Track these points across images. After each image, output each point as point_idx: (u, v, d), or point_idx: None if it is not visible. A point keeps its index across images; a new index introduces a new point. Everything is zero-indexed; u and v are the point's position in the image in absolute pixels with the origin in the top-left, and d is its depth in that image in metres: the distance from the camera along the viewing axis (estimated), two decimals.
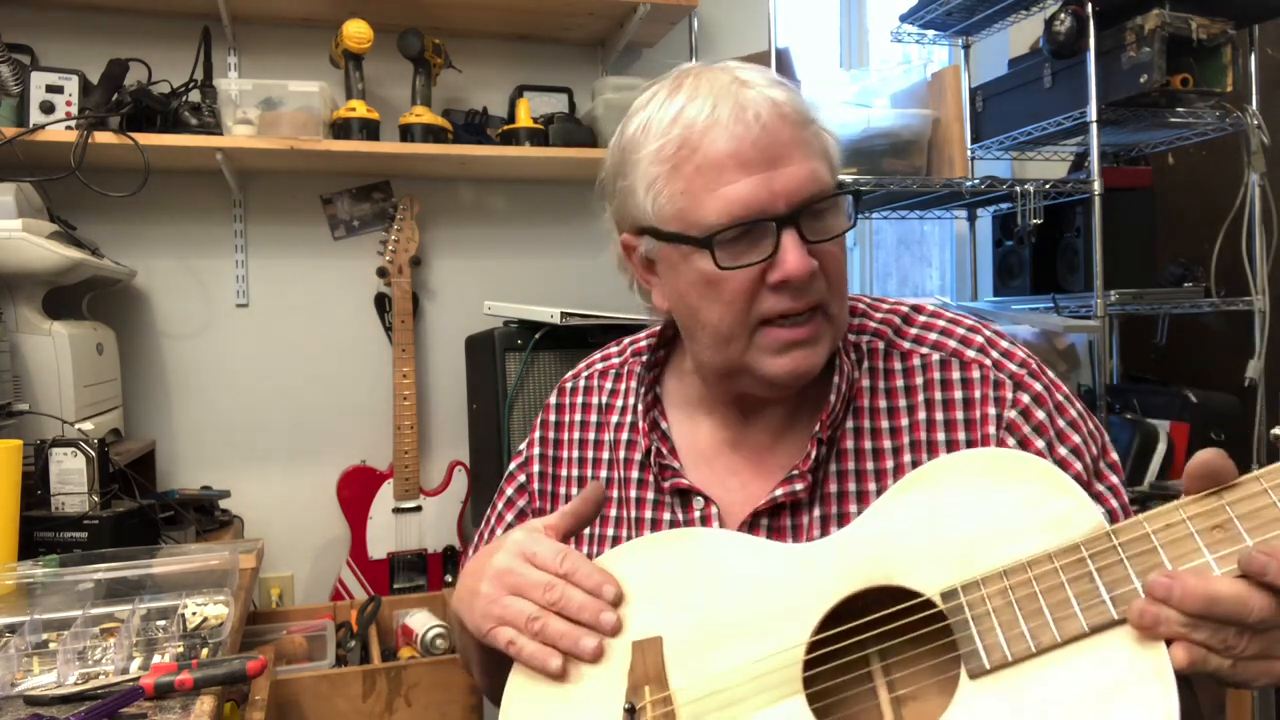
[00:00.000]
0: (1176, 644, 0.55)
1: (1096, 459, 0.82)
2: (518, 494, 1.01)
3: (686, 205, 0.78)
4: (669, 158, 0.79)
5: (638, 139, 0.82)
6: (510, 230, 2.51)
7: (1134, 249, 2.32)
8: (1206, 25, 2.07)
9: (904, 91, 2.42)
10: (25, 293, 1.66)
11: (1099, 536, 0.59)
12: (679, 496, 0.89)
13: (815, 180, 0.77)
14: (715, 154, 0.76)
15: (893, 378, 0.86)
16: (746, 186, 0.76)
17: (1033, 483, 0.64)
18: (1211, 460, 0.57)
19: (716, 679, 0.70)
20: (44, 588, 1.17)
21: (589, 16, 2.33)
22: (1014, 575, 0.61)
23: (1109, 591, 0.57)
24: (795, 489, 0.83)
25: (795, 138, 0.78)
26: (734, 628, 0.71)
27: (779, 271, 0.77)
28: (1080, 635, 0.57)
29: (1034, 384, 0.82)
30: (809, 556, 0.72)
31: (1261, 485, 0.55)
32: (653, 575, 0.76)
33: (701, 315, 0.82)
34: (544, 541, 0.78)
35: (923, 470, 0.70)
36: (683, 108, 0.79)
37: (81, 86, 1.91)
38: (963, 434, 0.82)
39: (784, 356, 0.80)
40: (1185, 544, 0.56)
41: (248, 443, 2.31)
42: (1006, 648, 0.59)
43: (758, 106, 0.76)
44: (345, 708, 1.67)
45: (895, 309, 0.91)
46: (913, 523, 0.68)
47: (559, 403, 1.02)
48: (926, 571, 0.65)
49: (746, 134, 0.76)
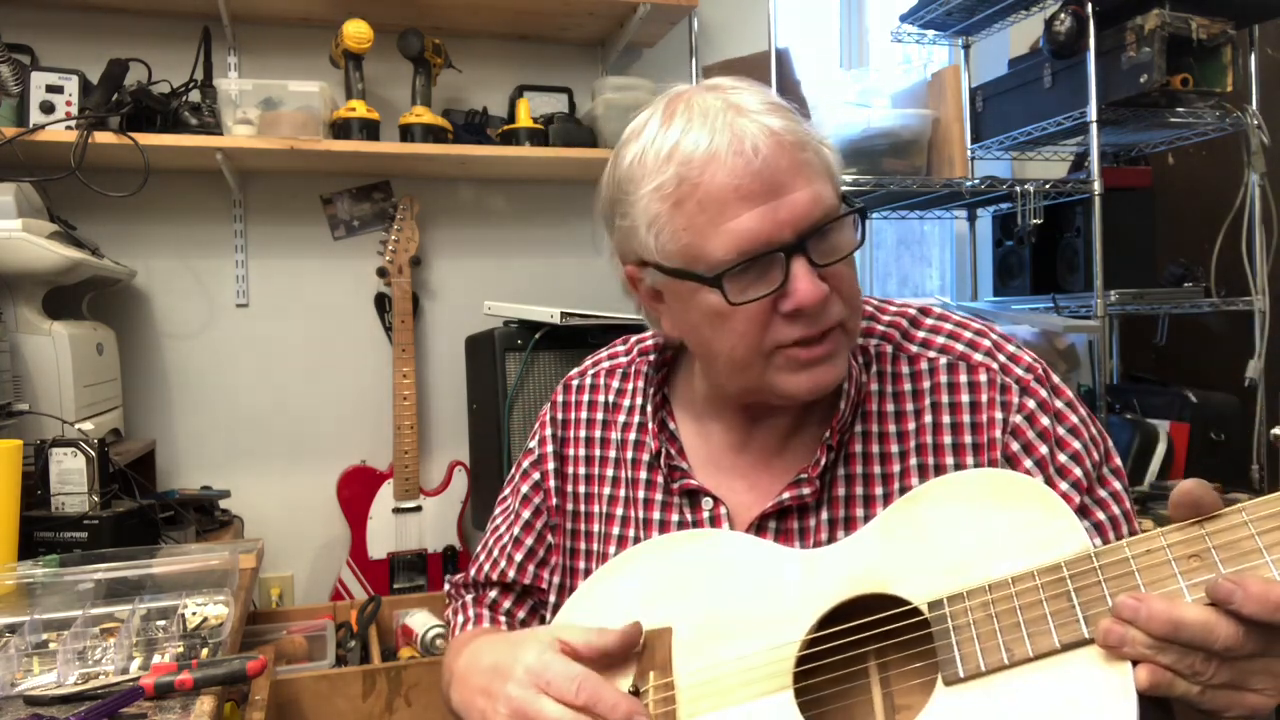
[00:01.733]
0: (1141, 665, 0.56)
1: (1099, 465, 0.82)
2: (533, 491, 1.00)
3: (691, 242, 0.76)
4: (669, 195, 0.76)
5: (634, 173, 0.80)
6: (510, 230, 2.51)
7: (1134, 249, 2.32)
8: (1206, 25, 2.08)
9: (904, 91, 2.42)
10: (25, 293, 1.66)
11: (1082, 558, 0.61)
12: (688, 497, 0.89)
13: (819, 203, 0.76)
14: (716, 189, 0.74)
15: (900, 381, 0.86)
16: (751, 219, 0.74)
17: (1028, 504, 0.66)
18: (1192, 490, 0.58)
19: (715, 669, 0.73)
20: (44, 588, 1.17)
21: (589, 16, 2.33)
22: (997, 590, 0.63)
23: (1084, 611, 0.59)
24: (803, 493, 0.83)
25: (795, 163, 0.75)
26: (738, 624, 0.74)
27: (791, 301, 0.75)
28: (1052, 651, 0.59)
29: (1039, 389, 0.82)
30: (814, 561, 0.75)
31: (1243, 517, 0.56)
32: (669, 571, 0.80)
33: (714, 346, 0.81)
34: (557, 664, 0.74)
35: (928, 486, 0.72)
36: (678, 141, 0.76)
37: (81, 86, 1.91)
38: (969, 437, 0.82)
39: (803, 374, 0.79)
40: (1162, 570, 0.57)
41: (248, 443, 2.31)
42: (981, 658, 0.61)
43: (755, 138, 0.74)
44: (345, 708, 1.67)
45: (902, 311, 0.90)
46: (912, 536, 0.70)
47: (566, 399, 1.02)
48: (919, 582, 0.67)
49: (747, 167, 0.74)
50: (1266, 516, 0.55)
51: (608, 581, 0.85)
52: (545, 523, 0.99)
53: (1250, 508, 0.56)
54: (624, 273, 0.86)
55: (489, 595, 1.03)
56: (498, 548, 1.02)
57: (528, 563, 0.99)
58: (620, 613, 0.80)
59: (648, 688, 0.75)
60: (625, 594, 0.82)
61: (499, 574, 1.01)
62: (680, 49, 2.42)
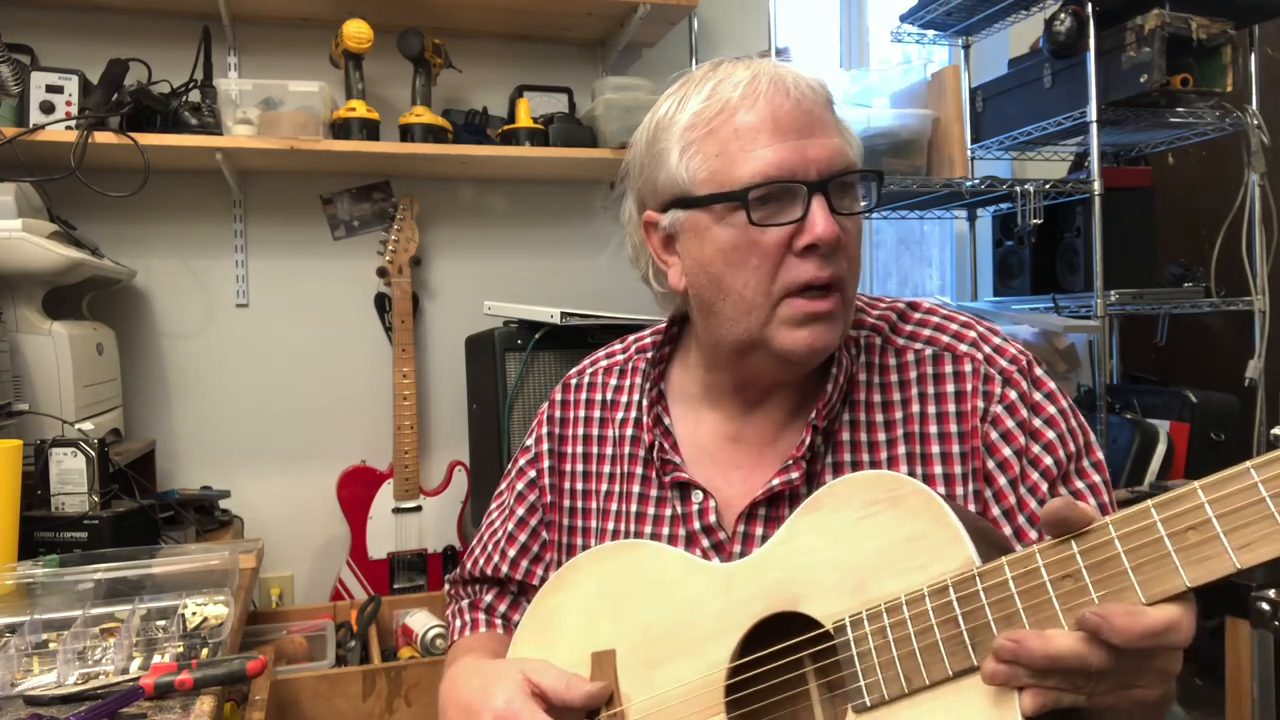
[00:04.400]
0: (1027, 691, 0.59)
1: (1075, 456, 0.82)
2: (529, 489, 1.02)
3: (721, 166, 0.81)
4: (706, 122, 0.82)
5: (672, 114, 0.85)
6: (510, 230, 2.52)
7: (1134, 249, 2.32)
8: (1206, 25, 2.08)
9: (904, 91, 2.42)
10: (25, 293, 1.66)
11: (966, 579, 0.63)
12: (678, 490, 0.90)
13: (844, 155, 0.81)
14: (753, 118, 0.80)
15: (887, 372, 0.88)
16: (783, 150, 0.79)
17: (917, 512, 0.67)
18: (1059, 510, 0.59)
19: (658, 696, 0.76)
20: (44, 588, 1.17)
21: (589, 16, 2.33)
22: (893, 614, 0.66)
23: (971, 639, 0.62)
24: (791, 478, 0.84)
25: (827, 116, 0.82)
26: (671, 644, 0.77)
27: (808, 234, 0.79)
28: (945, 679, 0.62)
29: (1021, 381, 0.84)
30: (730, 577, 0.77)
31: (1110, 534, 0.58)
32: (608, 586, 0.83)
33: (725, 283, 0.83)
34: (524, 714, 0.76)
35: (827, 490, 0.74)
36: (720, 81, 0.83)
37: (81, 86, 1.91)
38: (954, 426, 0.84)
39: (803, 330, 0.81)
40: (1038, 593, 0.60)
41: (248, 443, 2.31)
42: (884, 688, 0.65)
43: (796, 81, 0.81)
44: (345, 708, 1.67)
45: (892, 306, 0.92)
46: (816, 546, 0.72)
47: (564, 399, 1.03)
48: (826, 600, 0.70)
49: (784, 102, 0.79)
50: (1131, 533, 0.57)
51: (553, 598, 0.88)
52: (540, 519, 1.01)
53: (1117, 522, 0.58)
54: (640, 224, 0.90)
55: (484, 598, 1.04)
56: (491, 542, 1.03)
57: (520, 558, 1.01)
58: (569, 634, 0.84)
59: (600, 717, 0.78)
60: (571, 613, 0.85)
61: (492, 568, 1.02)
62: (680, 49, 2.42)
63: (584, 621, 0.83)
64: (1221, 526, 0.54)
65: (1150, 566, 0.56)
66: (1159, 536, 0.56)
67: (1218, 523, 0.54)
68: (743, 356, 0.86)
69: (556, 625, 0.86)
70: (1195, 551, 0.55)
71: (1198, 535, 0.55)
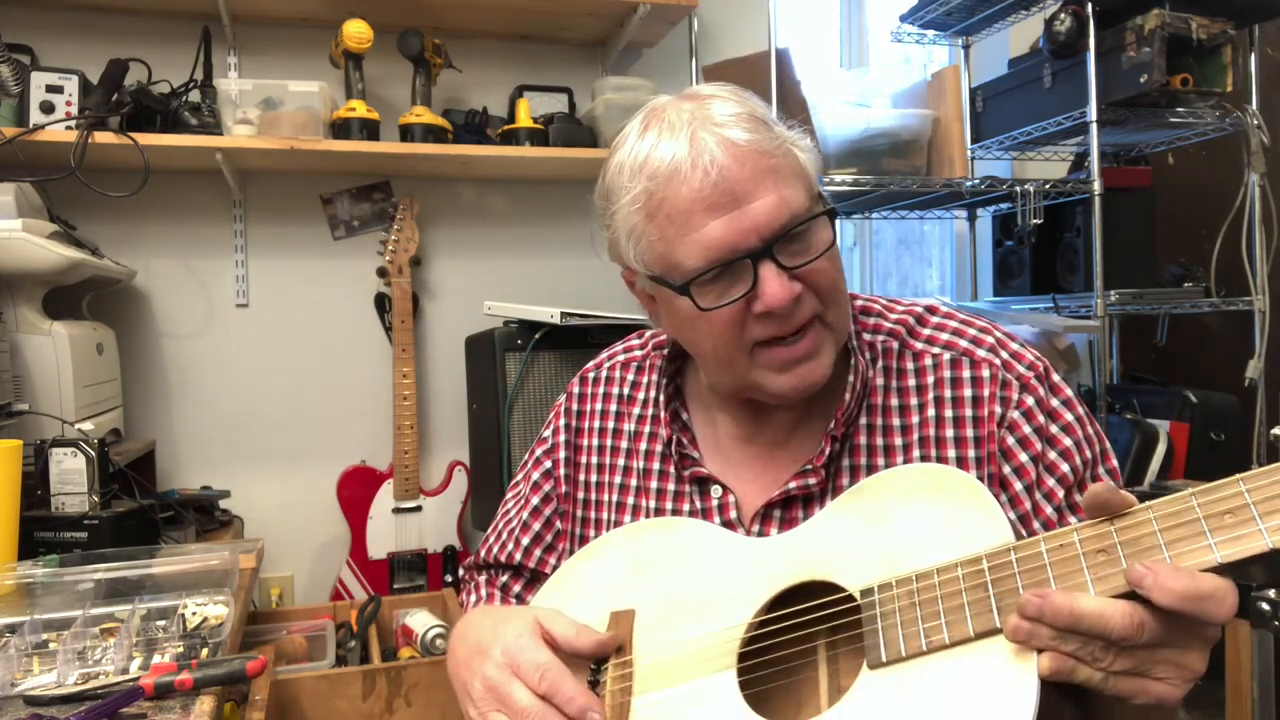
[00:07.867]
0: (1045, 653, 0.59)
1: (1091, 464, 0.83)
2: (544, 479, 1.03)
3: (665, 251, 0.80)
4: (641, 208, 0.81)
5: (615, 184, 0.84)
6: (510, 230, 2.52)
7: (1134, 249, 2.32)
8: (1206, 25, 2.08)
9: (904, 91, 2.42)
10: (25, 293, 1.66)
11: (1001, 551, 0.65)
12: (698, 485, 0.91)
13: (785, 208, 0.78)
14: (681, 203, 0.78)
15: (905, 377, 0.88)
16: (716, 229, 0.77)
17: (959, 498, 0.70)
18: (1101, 493, 0.61)
19: (670, 649, 0.78)
20: (44, 588, 1.17)
21: (589, 16, 2.33)
22: (923, 580, 0.67)
23: (998, 602, 0.63)
24: (808, 483, 0.85)
25: (758, 171, 0.78)
26: (695, 607, 0.79)
27: (760, 303, 0.78)
28: (966, 639, 0.63)
29: (1039, 387, 0.84)
30: (765, 549, 0.80)
31: (1149, 515, 0.60)
32: (636, 557, 0.86)
33: (699, 345, 0.86)
34: (529, 651, 0.77)
35: (873, 480, 0.77)
36: (648, 155, 0.80)
37: (81, 86, 1.91)
38: (970, 430, 0.84)
39: (787, 374, 0.82)
40: (1071, 564, 0.61)
41: (248, 443, 2.31)
42: (903, 644, 0.65)
43: (712, 151, 0.77)
44: (345, 708, 1.67)
45: (910, 310, 0.93)
46: (854, 527, 0.75)
47: (582, 392, 1.04)
48: (856, 571, 0.72)
49: (705, 180, 0.77)
50: (1169, 514, 0.59)
51: (583, 565, 0.90)
52: (555, 510, 1.02)
53: (1158, 505, 0.60)
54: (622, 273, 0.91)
55: (500, 578, 1.06)
56: (506, 530, 1.04)
57: (534, 547, 1.02)
58: (591, 594, 0.86)
59: (608, 665, 0.80)
60: (597, 577, 0.87)
61: (506, 556, 1.03)
62: (680, 49, 2.42)
63: (609, 585, 0.85)
64: (1259, 510, 0.56)
65: (1183, 543, 0.58)
66: (1196, 518, 0.58)
67: (1255, 507, 0.56)
68: (739, 394, 0.89)
69: (581, 587, 0.87)
70: (1229, 531, 0.57)
71: (1234, 519, 0.57)
